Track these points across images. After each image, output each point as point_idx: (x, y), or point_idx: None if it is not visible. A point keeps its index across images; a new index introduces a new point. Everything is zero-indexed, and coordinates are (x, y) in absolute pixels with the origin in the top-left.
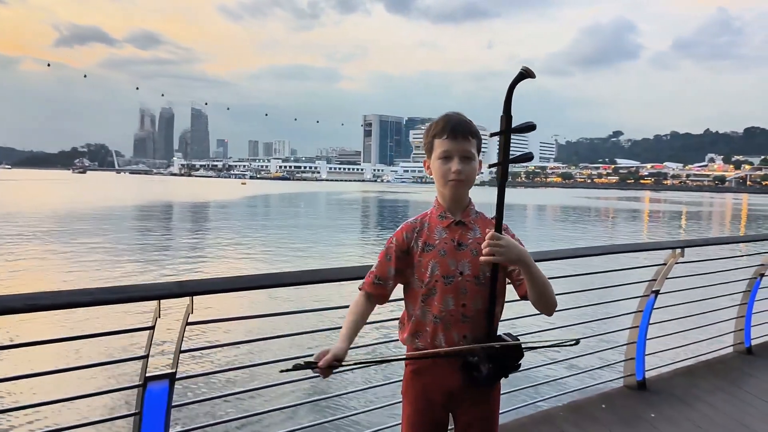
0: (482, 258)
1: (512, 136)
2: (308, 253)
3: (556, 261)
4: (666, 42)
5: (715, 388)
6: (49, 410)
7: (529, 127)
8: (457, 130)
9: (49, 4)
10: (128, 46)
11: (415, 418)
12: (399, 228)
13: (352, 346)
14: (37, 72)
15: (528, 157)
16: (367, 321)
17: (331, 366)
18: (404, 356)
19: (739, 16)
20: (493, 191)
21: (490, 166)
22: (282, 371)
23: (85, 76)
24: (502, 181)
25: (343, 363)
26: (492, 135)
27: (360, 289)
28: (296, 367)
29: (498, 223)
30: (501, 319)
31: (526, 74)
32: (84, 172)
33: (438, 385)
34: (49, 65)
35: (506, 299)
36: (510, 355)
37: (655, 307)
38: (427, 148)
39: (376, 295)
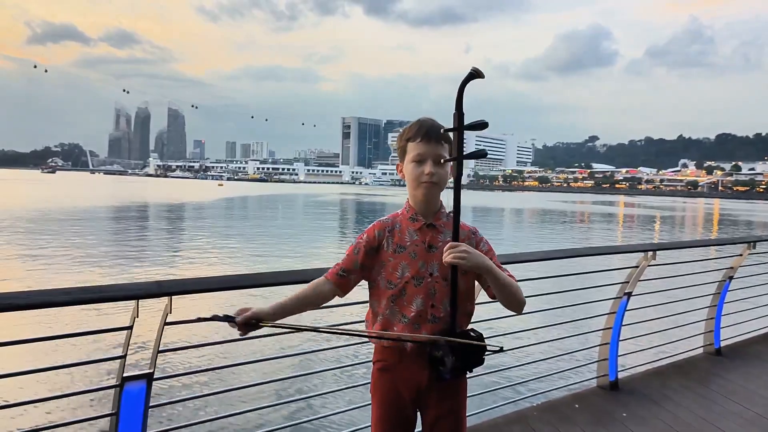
0: (445, 261)
1: (491, 141)
2: (286, 254)
3: (531, 263)
4: (640, 49)
5: (685, 389)
6: (25, 411)
7: (482, 125)
8: (430, 134)
9: (21, 1)
10: (103, 45)
11: (384, 415)
12: (371, 225)
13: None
14: (9, 70)
15: (481, 154)
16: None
17: (248, 324)
18: (331, 330)
19: (710, 25)
20: (470, 194)
21: (444, 161)
22: (199, 318)
23: (45, 71)
24: (457, 176)
25: (262, 324)
26: (445, 131)
27: (324, 276)
28: (214, 318)
29: (456, 216)
30: (474, 320)
31: (475, 74)
32: (53, 172)
33: (405, 381)
34: (35, 66)
35: (484, 301)
36: (473, 350)
37: (627, 308)
38: (400, 152)
39: (338, 284)
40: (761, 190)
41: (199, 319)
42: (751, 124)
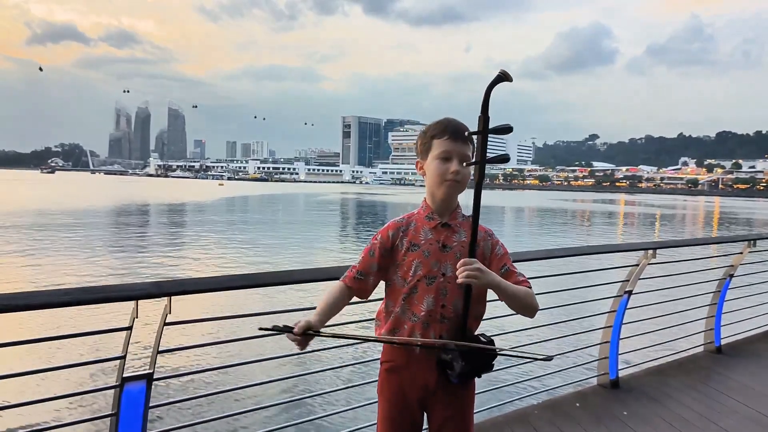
0: (458, 281)
1: (491, 139)
2: (287, 253)
3: (532, 261)
4: (641, 47)
5: (686, 387)
6: (24, 411)
7: (506, 129)
8: (458, 132)
9: (21, 1)
10: (103, 45)
11: (391, 415)
12: (385, 225)
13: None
14: (10, 70)
15: (505, 158)
16: (349, 321)
17: (306, 334)
18: (380, 338)
19: (710, 23)
20: (470, 193)
21: (468, 164)
22: (261, 329)
23: (41, 69)
24: (479, 180)
25: (320, 333)
26: (469, 134)
27: (341, 281)
28: (274, 329)
29: (474, 221)
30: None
31: (503, 77)
32: (52, 172)
33: (413, 382)
34: (40, 69)
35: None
36: (483, 355)
37: (628, 307)
38: (422, 149)
39: (357, 289)
40: (761, 187)
41: (261, 329)
42: (751, 121)
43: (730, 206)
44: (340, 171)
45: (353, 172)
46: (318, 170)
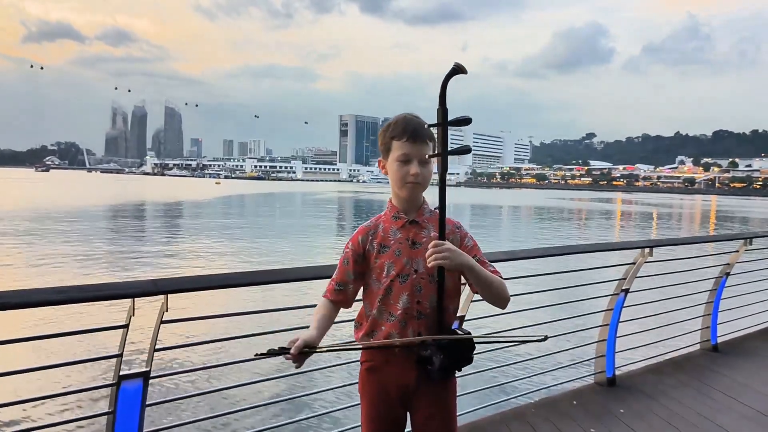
0: (429, 264)
1: (488, 139)
2: (284, 252)
3: (529, 260)
4: (637, 47)
5: (683, 385)
6: (22, 410)
7: (465, 120)
8: (417, 134)
9: (16, 0)
10: (99, 44)
11: (373, 415)
12: (355, 232)
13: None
14: (6, 69)
15: (465, 150)
16: (341, 321)
17: (302, 353)
18: (365, 345)
19: (707, 22)
20: (468, 191)
21: (430, 156)
22: (256, 355)
23: (42, 68)
24: (442, 171)
25: (316, 349)
26: (429, 126)
27: (323, 296)
28: (270, 353)
29: (441, 213)
30: (471, 317)
31: (458, 70)
32: (47, 171)
33: (394, 381)
34: (32, 66)
35: (477, 299)
36: (461, 348)
37: (624, 305)
38: (383, 149)
39: (338, 300)
40: (758, 186)
41: (258, 354)
42: (747, 120)
43: (726, 205)
44: (337, 170)
45: (350, 170)
46: (315, 169)
